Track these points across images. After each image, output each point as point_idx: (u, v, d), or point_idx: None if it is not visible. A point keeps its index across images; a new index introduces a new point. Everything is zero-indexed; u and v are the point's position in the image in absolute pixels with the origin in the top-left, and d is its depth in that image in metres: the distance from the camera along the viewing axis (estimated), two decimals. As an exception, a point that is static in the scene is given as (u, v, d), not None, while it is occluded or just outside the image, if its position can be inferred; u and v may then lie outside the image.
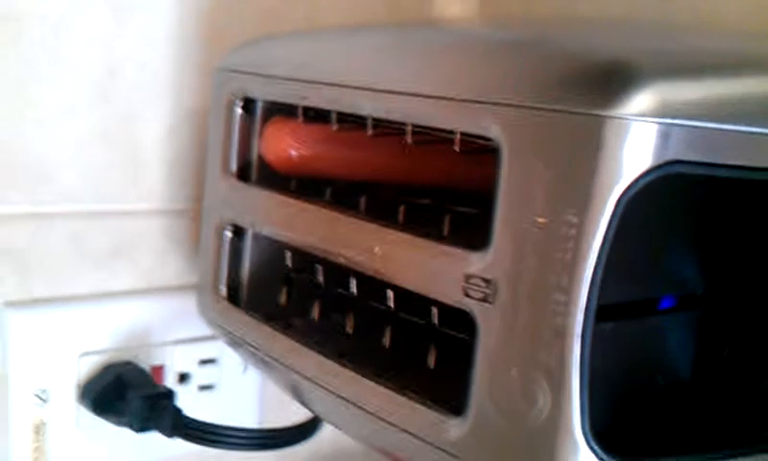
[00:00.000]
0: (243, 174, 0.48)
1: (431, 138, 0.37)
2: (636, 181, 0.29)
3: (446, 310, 0.35)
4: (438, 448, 0.35)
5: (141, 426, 0.50)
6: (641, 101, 0.29)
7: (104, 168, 0.54)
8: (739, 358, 0.37)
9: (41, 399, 0.52)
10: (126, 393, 0.51)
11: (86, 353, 0.53)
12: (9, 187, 0.51)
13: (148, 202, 0.56)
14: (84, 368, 0.53)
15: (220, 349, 0.56)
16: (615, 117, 0.29)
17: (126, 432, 0.50)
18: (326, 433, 0.52)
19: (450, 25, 0.52)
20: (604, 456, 0.31)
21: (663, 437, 0.35)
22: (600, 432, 0.31)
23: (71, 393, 0.53)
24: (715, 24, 0.50)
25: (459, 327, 0.35)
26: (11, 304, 0.51)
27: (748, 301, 0.38)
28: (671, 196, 0.34)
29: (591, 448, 0.31)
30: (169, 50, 0.55)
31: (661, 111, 0.29)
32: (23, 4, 0.49)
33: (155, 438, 0.50)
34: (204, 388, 0.58)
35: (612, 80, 0.29)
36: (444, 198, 0.41)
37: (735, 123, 0.31)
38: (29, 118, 0.51)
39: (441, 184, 0.43)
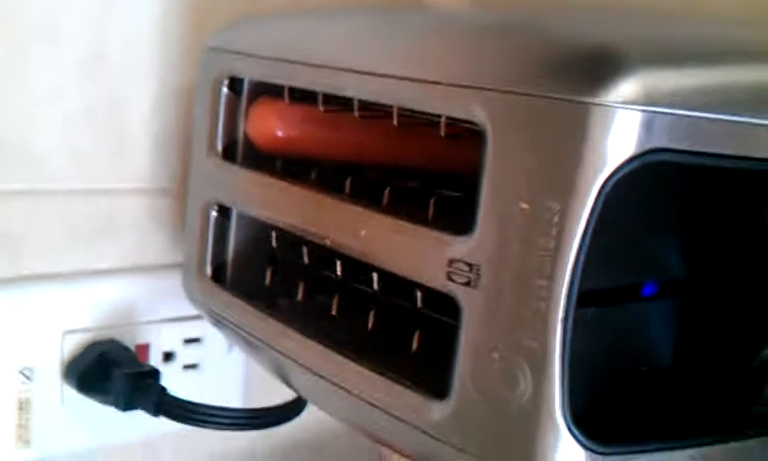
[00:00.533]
0: (229, 154, 0.47)
1: (418, 121, 0.37)
2: (620, 168, 0.29)
3: (431, 294, 0.36)
4: (420, 430, 0.35)
5: (126, 405, 0.50)
6: (626, 89, 0.29)
7: (90, 148, 0.54)
8: (720, 344, 0.38)
9: (26, 376, 0.52)
10: (111, 371, 0.51)
11: (71, 331, 0.53)
12: (-5, 166, 0.51)
13: (133, 181, 0.56)
14: (69, 346, 0.53)
15: (205, 328, 0.56)
16: (600, 104, 0.29)
17: (111, 410, 0.51)
18: (311, 413, 0.52)
19: (438, 8, 0.52)
20: (584, 440, 0.31)
21: (644, 421, 0.36)
22: (581, 416, 0.31)
23: (56, 370, 0.52)
24: (707, 9, 0.51)
25: (443, 310, 0.36)
26: (-5, 282, 0.51)
27: (728, 287, 0.38)
28: (654, 183, 0.34)
29: (571, 432, 0.31)
30: (154, 31, 0.54)
31: (646, 99, 0.29)
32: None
33: (139, 416, 0.50)
34: (188, 367, 0.58)
35: (596, 67, 0.30)
36: (431, 180, 0.41)
37: (719, 112, 0.31)
38: (17, 99, 0.50)
39: (427, 167, 0.43)
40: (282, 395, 0.51)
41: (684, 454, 0.34)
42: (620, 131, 0.29)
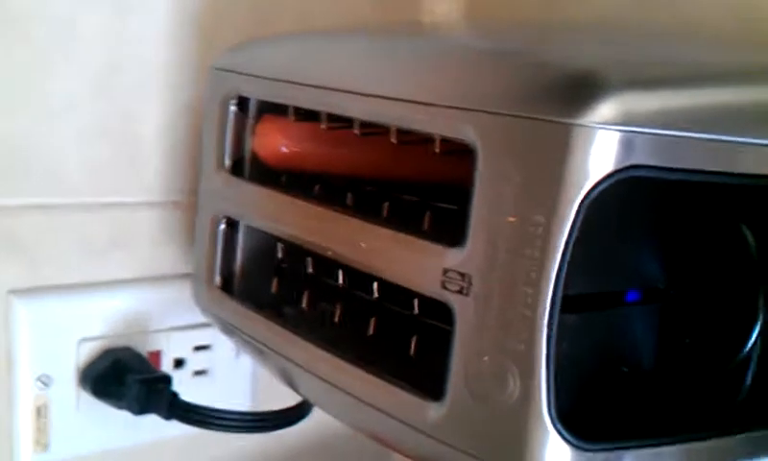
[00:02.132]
0: (236, 169, 0.49)
1: (414, 138, 0.39)
2: (599, 183, 0.31)
3: (427, 301, 0.38)
4: (417, 430, 0.37)
5: (140, 409, 0.52)
6: (605, 110, 0.31)
7: (103, 161, 0.56)
8: (699, 347, 0.40)
9: (44, 382, 0.54)
10: (125, 377, 0.53)
11: (86, 339, 0.55)
12: (13, 180, 0.53)
13: (145, 194, 0.58)
14: (84, 353, 0.55)
15: (213, 335, 0.58)
16: (581, 125, 0.31)
17: (124, 414, 0.53)
18: (316, 416, 0.54)
19: (434, 31, 0.54)
20: (570, 438, 0.33)
21: (629, 419, 0.37)
22: (567, 415, 0.33)
23: (72, 377, 0.55)
24: (693, 24, 0.52)
25: (438, 316, 0.38)
26: (15, 292, 0.53)
27: (708, 294, 0.40)
28: (634, 196, 0.36)
29: (558, 431, 0.33)
30: (166, 47, 0.56)
31: (624, 120, 0.31)
32: (30, 4, 0.51)
33: (152, 420, 0.52)
34: (198, 373, 0.60)
35: (578, 90, 0.32)
36: (427, 194, 0.43)
37: (693, 131, 0.33)
38: (33, 114, 0.52)
39: (423, 181, 0.45)
40: (288, 398, 0.53)
41: (668, 450, 0.36)
42: (600, 149, 0.31)
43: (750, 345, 0.40)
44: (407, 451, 0.41)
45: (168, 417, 0.52)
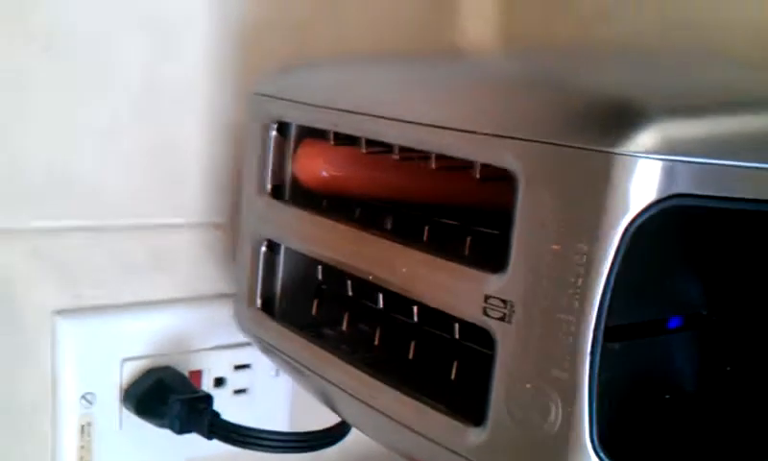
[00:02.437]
0: (277, 193, 0.50)
1: (454, 163, 0.39)
2: (642, 212, 0.31)
3: (467, 325, 0.38)
4: (458, 454, 0.37)
5: (181, 428, 0.52)
6: (647, 139, 0.31)
7: (144, 183, 0.57)
8: (741, 374, 0.40)
9: (88, 401, 0.55)
10: (167, 396, 0.53)
11: (129, 359, 0.56)
12: (57, 203, 0.54)
13: (185, 215, 0.59)
14: (127, 372, 0.56)
15: (253, 355, 0.59)
16: (622, 154, 0.31)
17: (166, 433, 0.53)
18: (354, 437, 0.54)
19: (472, 57, 0.55)
20: (612, 466, 0.33)
21: (669, 448, 0.37)
22: (609, 443, 0.33)
23: (115, 396, 0.56)
24: (723, 49, 0.52)
25: (479, 341, 0.38)
26: (60, 313, 0.54)
27: (750, 321, 0.40)
28: (677, 224, 0.36)
29: (600, 458, 0.33)
30: (205, 69, 0.57)
31: (666, 149, 0.31)
32: (72, 26, 0.52)
33: (193, 438, 0.53)
34: (238, 392, 0.60)
35: (619, 119, 0.32)
36: (468, 218, 0.43)
37: (736, 159, 0.33)
38: (76, 136, 0.54)
39: (463, 205, 0.45)
40: (327, 418, 0.53)
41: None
42: (642, 178, 0.31)
43: (793, 371, 0.40)
44: (446, 475, 0.41)
45: (209, 436, 0.52)
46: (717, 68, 0.44)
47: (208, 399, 0.54)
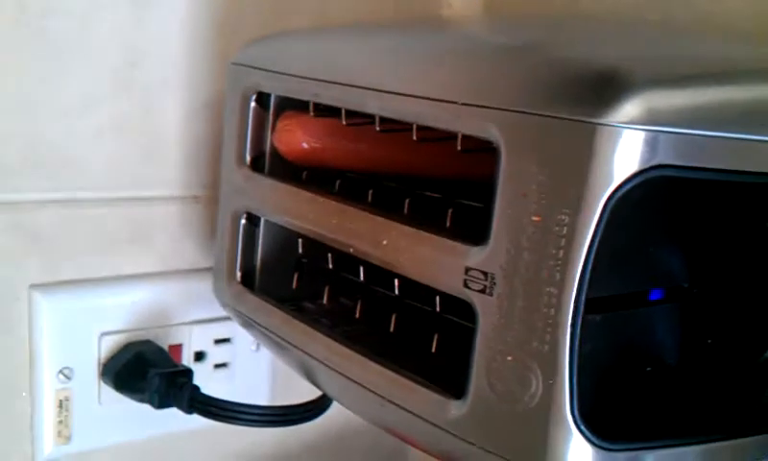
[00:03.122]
0: (257, 165, 0.49)
1: (436, 135, 0.39)
2: (625, 183, 0.31)
3: (449, 298, 0.37)
4: (439, 427, 0.37)
5: (160, 403, 0.52)
6: (631, 110, 0.31)
7: (123, 156, 0.56)
8: (722, 346, 0.40)
9: (66, 376, 0.54)
10: (146, 370, 0.53)
11: (107, 333, 0.55)
12: (34, 176, 0.53)
13: (164, 188, 0.58)
14: (106, 347, 0.55)
15: (234, 329, 0.58)
16: (607, 124, 0.31)
17: (145, 407, 0.53)
18: (335, 411, 0.54)
19: (454, 27, 0.54)
20: (593, 438, 0.33)
21: (651, 419, 0.37)
22: (589, 416, 0.33)
23: (93, 370, 0.55)
24: (711, 18, 0.52)
25: (460, 314, 0.38)
26: (36, 287, 0.54)
27: (731, 293, 0.40)
28: (659, 196, 0.36)
29: (581, 431, 0.33)
30: (184, 42, 0.57)
31: (649, 119, 0.31)
32: (48, 1, 0.51)
33: (173, 413, 0.53)
34: (218, 366, 0.60)
35: (603, 89, 0.31)
36: (450, 190, 0.43)
37: (719, 129, 0.33)
38: (53, 109, 0.53)
39: (445, 177, 0.45)
40: (307, 393, 0.53)
41: (691, 450, 0.36)
42: (625, 149, 0.31)
43: (773, 344, 0.40)
44: (427, 448, 0.41)
45: (188, 410, 0.52)
46: (701, 39, 0.44)
47: (188, 373, 0.53)
